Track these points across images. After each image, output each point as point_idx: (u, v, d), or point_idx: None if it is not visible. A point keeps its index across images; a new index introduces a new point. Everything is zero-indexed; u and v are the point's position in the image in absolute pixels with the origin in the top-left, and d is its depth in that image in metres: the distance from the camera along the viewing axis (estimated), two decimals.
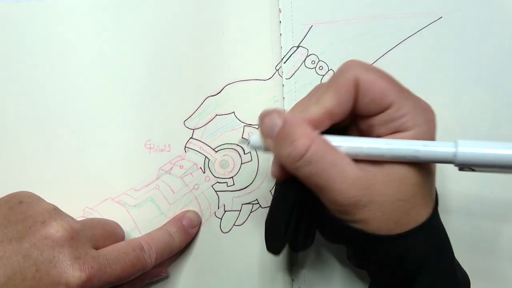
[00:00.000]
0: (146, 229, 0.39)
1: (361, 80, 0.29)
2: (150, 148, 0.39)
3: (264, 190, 0.39)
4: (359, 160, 0.29)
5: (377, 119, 0.30)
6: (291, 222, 0.31)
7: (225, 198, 0.39)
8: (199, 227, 0.39)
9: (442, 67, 0.40)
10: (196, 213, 0.39)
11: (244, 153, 0.40)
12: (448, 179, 0.39)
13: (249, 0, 0.40)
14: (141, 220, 0.39)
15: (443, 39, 0.40)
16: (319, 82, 0.40)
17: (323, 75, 0.40)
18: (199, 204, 0.39)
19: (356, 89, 0.29)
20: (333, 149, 0.29)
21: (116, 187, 0.39)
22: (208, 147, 0.40)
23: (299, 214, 0.32)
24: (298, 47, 0.40)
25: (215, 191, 0.39)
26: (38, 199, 0.34)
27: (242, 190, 0.40)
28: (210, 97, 0.40)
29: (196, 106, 0.40)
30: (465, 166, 0.28)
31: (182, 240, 0.37)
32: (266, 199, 0.39)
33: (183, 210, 0.39)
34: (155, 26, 0.40)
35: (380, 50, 0.40)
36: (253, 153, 0.40)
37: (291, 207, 0.31)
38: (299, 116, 0.30)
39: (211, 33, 0.40)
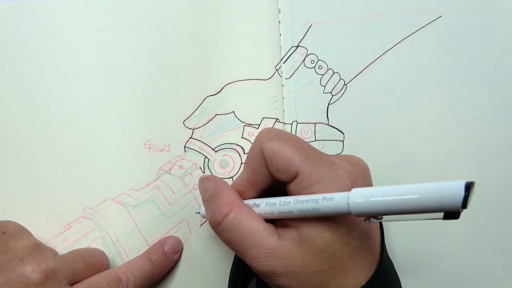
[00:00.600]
0: (146, 229, 0.39)
1: (264, 150, 0.30)
2: (149, 148, 0.39)
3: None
4: (286, 225, 0.30)
5: (291, 187, 0.30)
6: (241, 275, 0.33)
7: None
8: (181, 253, 0.39)
9: (442, 66, 0.40)
10: (177, 238, 0.39)
11: (244, 153, 0.40)
12: (448, 177, 0.39)
13: (249, 0, 0.40)
14: (141, 220, 0.39)
15: (443, 38, 0.40)
16: (319, 82, 0.40)
17: (323, 75, 0.40)
18: (198, 204, 0.39)
19: (264, 159, 0.30)
20: (253, 217, 0.30)
21: (116, 187, 0.39)
22: (208, 147, 0.40)
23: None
24: (297, 46, 0.40)
25: None
26: (21, 232, 0.34)
27: None
28: (210, 96, 0.40)
29: (195, 105, 0.40)
30: (362, 216, 0.26)
31: (163, 267, 0.37)
32: None
33: (164, 236, 0.39)
34: (154, 26, 0.40)
35: (379, 49, 0.40)
36: None
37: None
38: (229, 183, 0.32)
39: (211, 33, 0.40)
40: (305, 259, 0.28)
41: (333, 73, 0.40)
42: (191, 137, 0.40)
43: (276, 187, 0.32)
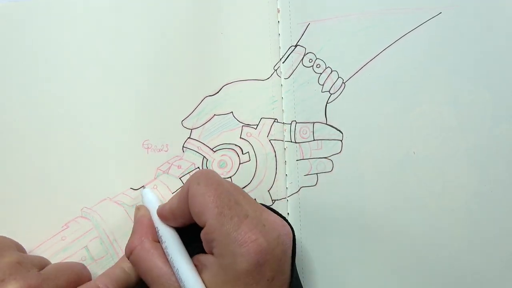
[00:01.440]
0: None
1: (189, 190, 0.32)
2: (147, 148, 0.39)
3: (262, 190, 0.39)
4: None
5: (202, 233, 0.32)
6: None
7: None
8: None
9: (442, 64, 0.39)
10: None
11: (243, 153, 0.40)
12: (448, 177, 0.39)
13: (247, 0, 0.40)
14: None
15: (442, 34, 0.39)
16: (317, 80, 0.40)
17: (321, 73, 0.40)
18: None
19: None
20: (153, 256, 0.33)
21: (114, 187, 0.39)
22: (206, 147, 0.40)
23: None
24: (296, 46, 0.40)
25: None
26: (3, 248, 0.34)
27: None
28: (208, 97, 0.40)
29: (194, 106, 0.40)
30: None
31: (137, 274, 0.36)
32: (265, 199, 0.39)
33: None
34: (152, 26, 0.40)
35: (378, 46, 0.39)
36: (252, 153, 0.40)
37: None
38: (148, 216, 0.36)
39: (210, 33, 0.40)
40: None
41: (331, 71, 0.40)
42: (189, 137, 0.40)
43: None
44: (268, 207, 0.35)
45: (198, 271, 0.31)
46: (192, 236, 0.34)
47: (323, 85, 0.40)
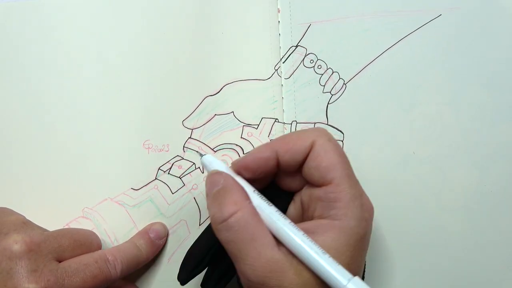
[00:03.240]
0: None
1: (317, 144, 0.30)
2: (148, 148, 0.39)
3: None
4: None
5: (316, 193, 0.30)
6: (204, 261, 0.32)
7: None
8: (167, 238, 0.39)
9: (442, 65, 0.40)
10: (162, 224, 0.39)
11: (244, 153, 0.40)
12: (448, 177, 0.39)
13: (248, 0, 0.40)
14: (140, 220, 0.39)
15: (443, 36, 0.40)
16: (318, 81, 0.40)
17: (322, 74, 0.40)
18: (197, 204, 0.39)
19: (309, 149, 0.30)
20: (258, 222, 0.29)
21: (115, 187, 0.39)
22: (207, 147, 0.40)
23: (217, 257, 0.32)
24: (296, 46, 0.40)
25: None
26: (10, 213, 0.35)
27: None
28: (209, 97, 0.40)
29: (194, 106, 0.40)
30: None
31: (149, 252, 0.37)
32: None
33: (150, 223, 0.39)
34: (153, 26, 0.40)
35: (379, 48, 0.40)
36: None
37: (208, 248, 0.32)
38: (238, 180, 0.31)
39: (210, 33, 0.40)
40: (302, 276, 0.28)
41: (332, 72, 0.40)
42: (190, 137, 0.40)
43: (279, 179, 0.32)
44: None
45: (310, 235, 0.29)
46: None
47: (324, 86, 0.40)
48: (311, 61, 0.40)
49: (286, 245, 0.28)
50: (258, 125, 0.40)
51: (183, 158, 0.39)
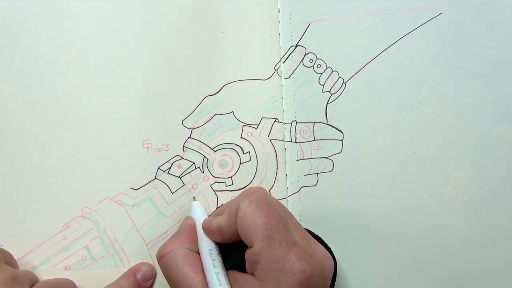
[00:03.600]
0: (144, 228, 0.39)
1: (240, 208, 0.32)
2: (148, 147, 0.39)
3: None
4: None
5: (247, 252, 0.31)
6: None
7: (224, 198, 0.39)
8: (154, 279, 0.38)
9: (442, 64, 0.40)
10: (150, 265, 0.38)
11: (243, 153, 0.40)
12: (448, 176, 0.39)
13: (248, 0, 0.40)
14: (139, 220, 0.39)
15: (443, 35, 0.40)
16: (317, 80, 0.40)
17: (321, 73, 0.40)
18: None
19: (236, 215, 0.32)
20: (188, 265, 0.32)
21: (114, 186, 0.39)
22: (207, 147, 0.40)
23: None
24: (296, 46, 0.40)
25: (214, 191, 0.39)
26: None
27: (241, 190, 0.39)
28: (209, 96, 0.40)
29: (194, 105, 0.40)
30: None
31: None
32: None
33: (138, 262, 0.38)
34: (153, 26, 0.40)
35: (378, 46, 0.40)
36: (252, 152, 0.40)
37: None
38: (193, 226, 0.36)
39: (210, 33, 0.40)
40: None
41: (332, 71, 0.40)
42: (190, 137, 0.40)
43: None
44: (314, 235, 0.35)
45: None
46: (231, 250, 0.33)
47: (323, 85, 0.40)
48: (311, 61, 0.40)
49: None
50: (258, 125, 0.40)
51: (182, 158, 0.39)
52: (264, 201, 0.31)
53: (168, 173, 0.39)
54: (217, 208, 0.39)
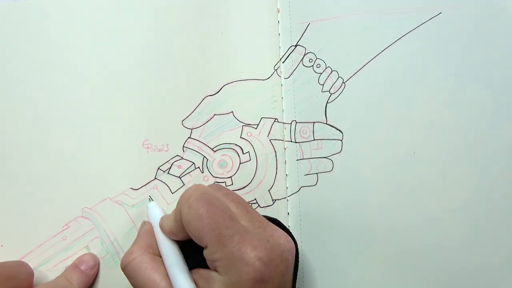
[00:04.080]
0: None
1: (181, 214, 0.32)
2: (148, 147, 0.39)
3: (262, 190, 0.39)
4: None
5: (204, 253, 0.31)
6: None
7: None
8: (98, 267, 0.38)
9: (442, 64, 0.39)
10: (91, 254, 0.38)
11: (243, 153, 0.40)
12: (448, 176, 0.39)
13: (248, 0, 0.40)
14: (139, 220, 0.39)
15: (443, 35, 0.39)
16: (317, 80, 0.40)
17: (321, 73, 0.40)
18: None
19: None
20: (153, 269, 0.32)
21: (114, 187, 0.39)
22: (207, 147, 0.40)
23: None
24: (296, 46, 0.40)
25: None
26: None
27: (240, 190, 0.39)
28: (209, 96, 0.40)
29: (194, 105, 0.40)
30: None
31: (81, 283, 0.37)
32: (265, 198, 0.39)
33: (78, 255, 0.39)
34: (153, 26, 0.40)
35: (378, 46, 0.39)
36: (252, 152, 0.40)
37: None
38: (151, 230, 0.35)
39: (210, 33, 0.40)
40: None
41: (332, 71, 0.40)
42: (189, 137, 0.40)
43: None
44: (273, 219, 0.35)
45: (200, 286, 0.32)
46: (193, 248, 0.33)
47: (323, 85, 0.40)
48: (310, 60, 0.40)
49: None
50: (258, 125, 0.40)
51: (182, 158, 0.39)
52: (204, 201, 0.31)
53: (168, 173, 0.39)
54: None
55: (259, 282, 0.30)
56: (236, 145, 0.40)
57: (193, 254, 0.34)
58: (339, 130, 0.39)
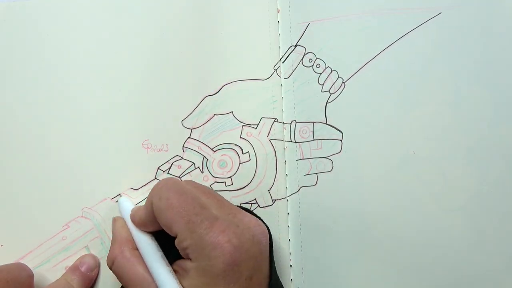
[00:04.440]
0: None
1: (153, 206, 0.33)
2: (147, 147, 0.39)
3: (262, 190, 0.39)
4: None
5: (175, 242, 0.32)
6: None
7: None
8: (99, 268, 0.39)
9: (442, 64, 0.39)
10: (92, 256, 0.38)
11: (243, 153, 0.40)
12: (448, 177, 0.39)
13: (247, 0, 0.40)
14: None
15: (442, 35, 0.39)
16: (317, 80, 0.40)
17: (320, 73, 0.40)
18: None
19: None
20: (133, 266, 0.33)
21: (114, 186, 0.39)
22: (206, 147, 0.40)
23: None
24: (295, 45, 0.40)
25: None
26: None
27: (240, 190, 0.39)
28: (208, 96, 0.40)
29: (194, 105, 0.40)
30: None
31: (81, 285, 0.37)
32: (265, 198, 0.39)
33: (78, 255, 0.39)
34: (152, 26, 0.40)
35: (378, 46, 0.39)
36: (252, 152, 0.40)
37: None
38: (125, 226, 0.36)
39: (210, 33, 0.40)
40: None
41: (331, 71, 0.40)
42: (189, 137, 0.40)
43: None
44: (245, 209, 0.36)
45: (180, 276, 0.32)
46: (167, 240, 0.34)
47: (323, 85, 0.40)
48: (310, 60, 0.40)
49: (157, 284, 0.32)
50: (258, 125, 0.40)
51: (182, 158, 0.39)
52: (175, 191, 0.32)
53: (168, 173, 0.39)
54: None
55: (231, 265, 0.30)
56: (236, 145, 0.40)
57: (173, 248, 0.34)
58: (339, 130, 0.39)
